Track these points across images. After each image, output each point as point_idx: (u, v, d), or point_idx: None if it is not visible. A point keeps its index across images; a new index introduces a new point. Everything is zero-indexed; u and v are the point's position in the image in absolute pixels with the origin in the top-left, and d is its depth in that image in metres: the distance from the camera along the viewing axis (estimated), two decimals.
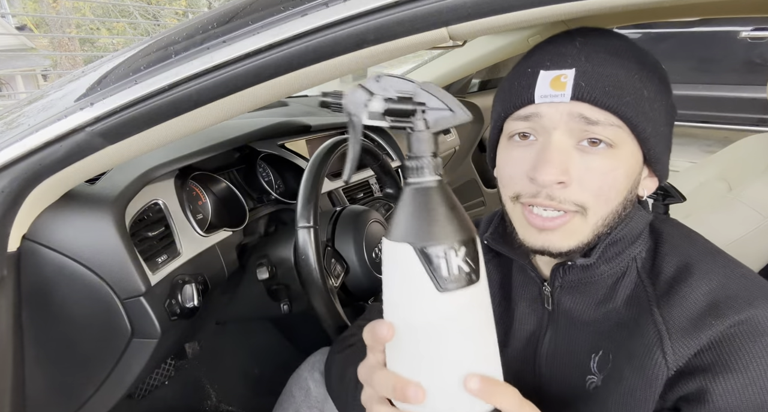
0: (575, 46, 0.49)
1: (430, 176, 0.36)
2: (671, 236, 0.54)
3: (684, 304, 0.47)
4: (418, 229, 0.35)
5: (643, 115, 0.47)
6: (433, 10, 0.44)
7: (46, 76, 7.98)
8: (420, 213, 0.35)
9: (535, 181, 0.48)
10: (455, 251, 0.34)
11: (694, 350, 0.45)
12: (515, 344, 0.60)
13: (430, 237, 0.34)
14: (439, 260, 0.34)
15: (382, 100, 0.35)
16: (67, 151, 0.57)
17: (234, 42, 0.50)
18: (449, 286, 0.34)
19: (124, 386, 0.76)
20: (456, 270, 0.34)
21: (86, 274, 0.67)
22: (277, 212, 1.13)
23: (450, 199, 0.36)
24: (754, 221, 1.10)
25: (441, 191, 0.36)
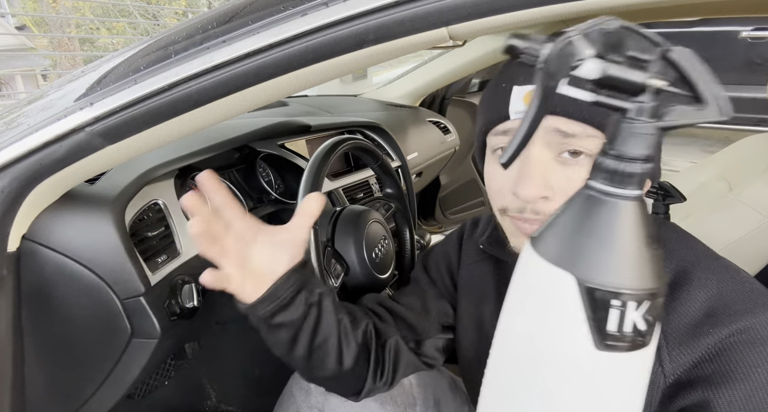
0: None
1: (635, 190, 0.25)
2: (669, 240, 0.53)
3: (682, 311, 0.47)
4: (593, 258, 0.25)
5: None
6: (433, 10, 0.44)
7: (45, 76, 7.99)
8: (604, 237, 0.25)
9: (518, 197, 0.49)
10: (638, 303, 0.25)
11: (692, 359, 0.45)
12: None
13: (609, 274, 0.25)
14: (611, 311, 0.25)
15: (602, 62, 0.24)
16: (67, 151, 0.57)
17: (234, 42, 0.50)
18: (612, 345, 0.25)
19: (123, 386, 0.76)
20: (629, 328, 0.25)
21: (86, 274, 0.67)
22: (277, 211, 1.12)
23: (650, 230, 0.26)
24: (754, 221, 1.10)
25: (642, 215, 0.25)
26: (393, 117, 1.56)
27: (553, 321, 0.27)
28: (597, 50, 0.24)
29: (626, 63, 0.24)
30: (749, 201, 1.14)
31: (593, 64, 0.24)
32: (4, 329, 0.65)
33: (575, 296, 0.25)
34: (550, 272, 0.26)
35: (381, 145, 1.39)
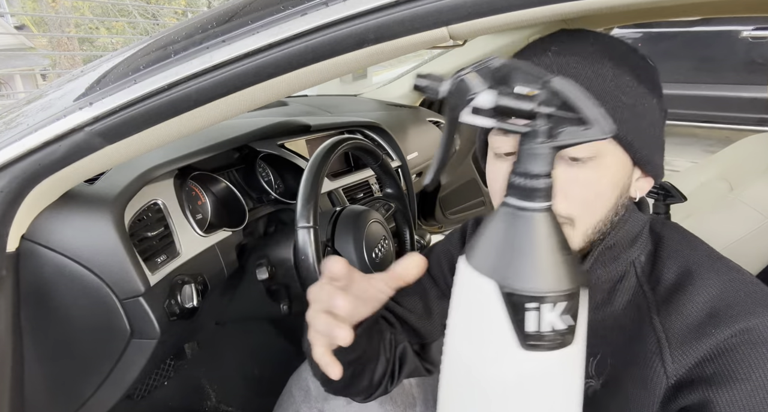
0: (548, 56, 0.48)
1: (542, 202, 0.28)
2: (672, 240, 0.53)
3: (684, 312, 0.47)
4: (511, 266, 0.27)
5: (623, 123, 0.46)
6: (433, 10, 0.44)
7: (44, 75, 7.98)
8: (520, 247, 0.28)
9: None
10: (553, 304, 0.27)
11: (694, 360, 0.45)
12: None
13: (523, 280, 0.27)
14: (529, 313, 0.27)
15: (494, 94, 0.28)
16: (66, 151, 0.57)
17: (233, 41, 0.50)
18: (535, 344, 0.27)
19: (123, 387, 0.76)
20: (548, 327, 0.27)
21: (85, 274, 0.67)
22: (276, 211, 1.12)
23: (559, 236, 0.29)
24: (755, 221, 1.10)
25: (550, 223, 0.28)
26: (393, 117, 1.56)
27: (482, 325, 0.29)
28: (488, 84, 0.28)
29: (517, 94, 0.28)
30: (750, 201, 1.14)
31: (486, 95, 0.28)
32: (3, 329, 0.65)
33: (497, 300, 0.28)
34: (476, 280, 0.28)
35: (381, 145, 1.39)
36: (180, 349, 1.12)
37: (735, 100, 3.65)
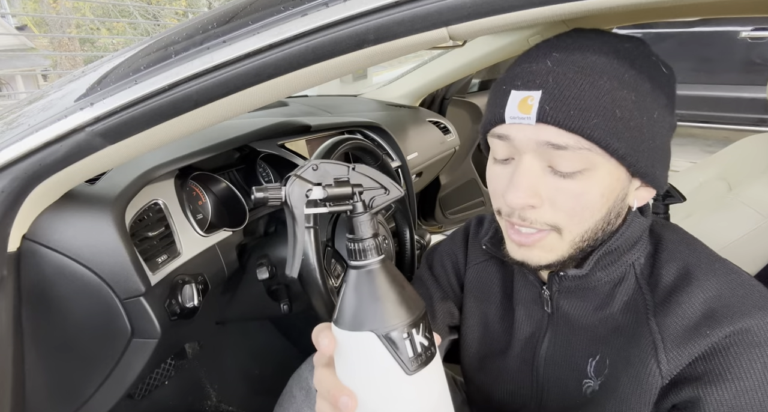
0: (546, 64, 0.47)
1: (375, 257, 0.35)
2: (671, 241, 0.53)
3: (680, 313, 0.47)
4: (379, 314, 0.34)
5: (616, 136, 0.45)
6: (433, 10, 0.44)
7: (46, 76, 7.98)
8: (374, 297, 0.34)
9: (506, 203, 0.49)
10: (416, 328, 0.34)
11: (688, 360, 0.45)
12: (516, 345, 0.61)
13: (391, 321, 0.34)
14: (405, 343, 0.34)
15: (322, 188, 0.36)
16: (67, 152, 0.57)
17: (234, 42, 0.50)
18: (415, 367, 0.34)
19: (124, 386, 0.76)
20: (420, 348, 0.34)
21: (86, 274, 0.67)
22: (277, 211, 1.13)
23: (397, 277, 0.36)
24: (754, 221, 1.10)
25: (388, 271, 0.36)
26: (393, 117, 1.56)
27: (373, 370, 0.34)
28: (316, 180, 0.36)
29: (336, 183, 0.36)
30: (749, 201, 1.14)
31: (317, 190, 0.36)
32: (4, 329, 0.65)
33: (380, 345, 0.34)
34: (357, 337, 0.34)
35: (381, 145, 1.39)
36: (180, 348, 1.12)
37: (734, 101, 3.65)
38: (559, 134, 0.46)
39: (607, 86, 0.46)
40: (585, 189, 0.47)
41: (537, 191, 0.48)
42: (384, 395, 0.34)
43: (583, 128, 0.45)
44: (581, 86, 0.46)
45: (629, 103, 0.46)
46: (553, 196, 0.48)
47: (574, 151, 0.46)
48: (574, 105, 0.45)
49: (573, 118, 0.45)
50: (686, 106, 3.77)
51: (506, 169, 0.51)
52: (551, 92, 0.46)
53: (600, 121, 0.45)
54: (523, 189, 0.48)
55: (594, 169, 0.47)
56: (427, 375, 0.34)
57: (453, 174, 2.03)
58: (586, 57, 0.47)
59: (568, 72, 0.46)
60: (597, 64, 0.47)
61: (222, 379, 1.27)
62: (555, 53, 0.48)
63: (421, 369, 0.34)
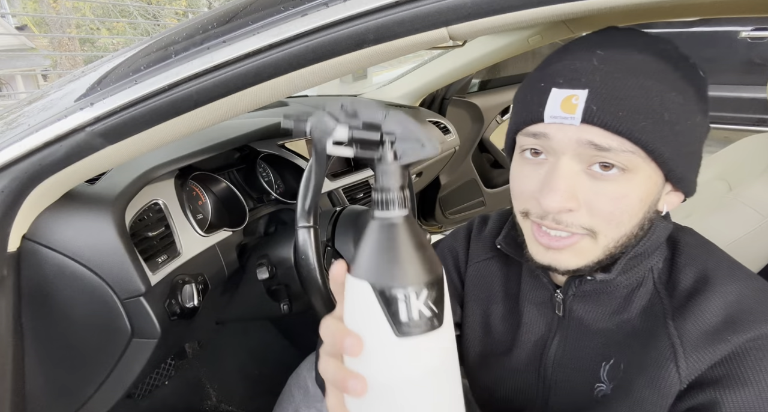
0: (592, 62, 0.45)
1: (398, 211, 0.34)
2: (688, 245, 0.52)
3: (700, 317, 0.46)
4: (379, 267, 0.33)
5: (662, 140, 0.44)
6: (433, 10, 0.44)
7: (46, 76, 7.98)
8: (384, 250, 0.33)
9: (541, 206, 0.47)
10: (417, 294, 0.32)
11: (708, 364, 0.44)
12: (521, 346, 0.60)
13: (391, 278, 0.32)
14: (399, 304, 0.32)
15: (348, 128, 0.34)
16: (67, 152, 0.57)
17: (234, 42, 0.50)
18: (409, 331, 0.32)
19: (124, 386, 0.76)
20: (416, 315, 0.32)
21: (86, 274, 0.67)
22: (277, 211, 1.13)
23: (417, 237, 0.34)
24: (754, 221, 1.10)
25: (408, 228, 0.34)
26: None
27: (365, 322, 0.33)
28: (343, 120, 0.34)
29: (365, 126, 0.34)
30: (749, 201, 1.14)
31: (342, 130, 0.34)
32: (4, 329, 0.65)
33: (373, 298, 0.32)
34: (356, 284, 0.33)
35: None
36: (180, 348, 1.12)
37: (734, 101, 3.65)
38: (604, 135, 0.44)
39: (657, 88, 0.44)
40: (625, 192, 0.46)
41: (575, 194, 0.46)
42: (373, 350, 0.33)
43: (632, 131, 0.43)
44: (630, 87, 0.44)
45: (677, 106, 0.45)
46: (591, 199, 0.46)
47: (616, 153, 0.44)
48: (623, 106, 0.43)
49: (621, 120, 0.43)
50: None
51: (539, 169, 0.48)
52: (598, 92, 0.43)
53: (648, 124, 0.43)
54: (561, 192, 0.45)
55: (634, 173, 0.45)
56: (422, 345, 0.33)
57: (453, 174, 2.03)
58: (631, 56, 0.45)
59: (616, 72, 0.44)
60: (644, 64, 0.45)
61: (222, 379, 1.27)
62: (599, 51, 0.46)
63: (414, 336, 0.32)
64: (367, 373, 0.34)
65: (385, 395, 0.34)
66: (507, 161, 0.58)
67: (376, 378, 0.34)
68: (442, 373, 0.34)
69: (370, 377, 0.34)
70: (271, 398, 0.85)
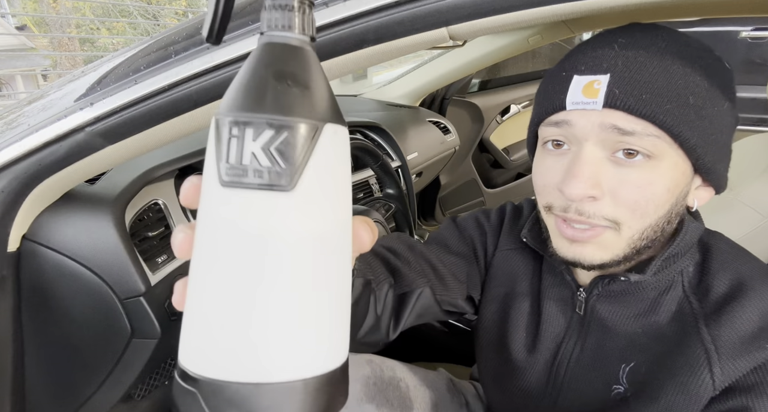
0: (613, 48, 0.44)
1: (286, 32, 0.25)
2: (721, 251, 0.51)
3: (735, 324, 0.45)
4: (230, 94, 0.25)
5: (688, 124, 0.43)
6: (433, 10, 0.44)
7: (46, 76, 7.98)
8: (245, 75, 0.25)
9: (563, 195, 0.46)
10: (256, 132, 0.23)
11: (743, 372, 0.44)
12: (536, 341, 0.59)
13: (232, 106, 0.24)
14: (229, 140, 0.24)
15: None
16: (67, 152, 0.57)
17: (234, 42, 0.50)
18: (235, 180, 0.24)
19: (123, 386, 0.76)
20: (248, 160, 0.23)
21: (86, 274, 0.67)
22: None
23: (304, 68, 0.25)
24: (753, 221, 1.10)
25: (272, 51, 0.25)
26: (393, 117, 1.56)
27: (205, 164, 0.26)
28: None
29: None
30: (749, 201, 1.14)
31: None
32: (4, 329, 0.65)
33: (212, 130, 0.25)
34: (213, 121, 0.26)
35: (381, 145, 1.39)
36: None
37: None
38: (628, 119, 0.43)
39: (680, 71, 0.43)
40: (650, 180, 0.44)
41: (598, 181, 0.45)
42: (202, 198, 0.26)
43: (656, 114, 0.42)
44: (653, 70, 0.43)
45: (702, 90, 0.44)
46: (615, 187, 0.45)
47: (641, 137, 0.43)
48: (646, 89, 0.42)
49: (645, 103, 0.42)
50: None
51: (561, 160, 0.47)
52: (621, 75, 0.43)
53: (673, 107, 0.42)
54: (585, 179, 0.44)
55: (660, 159, 0.44)
56: (250, 205, 0.24)
57: (453, 174, 2.03)
58: (654, 42, 0.45)
59: (638, 56, 0.43)
60: (666, 49, 0.44)
61: None
62: (621, 39, 0.45)
63: (241, 189, 0.24)
64: (197, 225, 0.26)
65: (197, 258, 0.26)
66: (508, 162, 0.58)
67: (197, 232, 0.26)
68: (270, 264, 0.24)
69: (197, 229, 0.26)
70: None
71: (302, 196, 0.24)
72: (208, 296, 0.25)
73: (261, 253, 0.24)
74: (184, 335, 0.26)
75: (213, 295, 0.25)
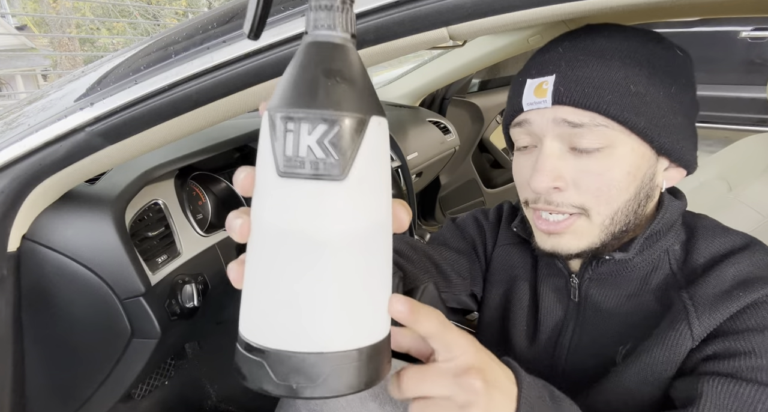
0: (558, 51, 0.50)
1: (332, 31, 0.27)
2: (706, 229, 0.54)
3: (712, 282, 0.48)
4: (282, 91, 0.27)
5: (633, 110, 0.47)
6: (433, 10, 0.44)
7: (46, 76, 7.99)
8: (295, 73, 0.27)
9: (531, 189, 0.50)
10: (311, 126, 0.25)
11: (720, 320, 0.46)
12: (537, 332, 0.61)
13: (286, 102, 0.26)
14: (285, 134, 0.26)
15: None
16: (67, 152, 0.57)
17: (234, 42, 0.50)
18: (291, 171, 0.26)
19: (123, 386, 0.76)
20: (304, 152, 0.25)
21: (86, 274, 0.67)
22: None
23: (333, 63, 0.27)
24: (753, 221, 1.10)
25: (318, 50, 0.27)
26: (393, 117, 1.56)
27: (259, 157, 0.28)
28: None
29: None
30: (749, 201, 1.14)
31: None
32: (4, 329, 0.65)
33: (266, 126, 0.27)
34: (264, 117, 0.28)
35: None
36: (180, 348, 1.12)
37: (734, 101, 3.65)
38: (576, 113, 0.47)
39: (619, 64, 0.47)
40: (608, 167, 0.48)
41: (560, 174, 0.49)
42: (258, 188, 0.28)
43: (599, 104, 0.46)
44: (593, 66, 0.47)
45: (643, 78, 0.48)
46: (576, 177, 0.49)
47: (591, 128, 0.47)
48: (587, 83, 0.47)
49: (588, 96, 0.47)
50: None
51: (529, 157, 0.52)
52: (564, 74, 0.48)
53: (615, 97, 0.46)
54: (547, 172, 0.48)
55: (614, 147, 0.48)
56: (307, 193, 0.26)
57: (453, 174, 2.03)
58: (595, 42, 0.49)
59: (579, 55, 0.48)
60: (607, 46, 0.49)
61: (222, 379, 1.27)
62: (566, 42, 0.51)
63: (298, 180, 0.26)
64: (252, 214, 0.28)
65: (258, 242, 0.28)
66: (508, 162, 0.60)
67: (254, 220, 0.28)
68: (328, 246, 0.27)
69: (253, 218, 0.28)
70: (272, 398, 0.85)
71: (353, 184, 0.27)
72: (272, 276, 0.28)
73: (320, 236, 0.27)
74: (246, 311, 0.30)
75: (277, 276, 0.27)
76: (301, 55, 0.27)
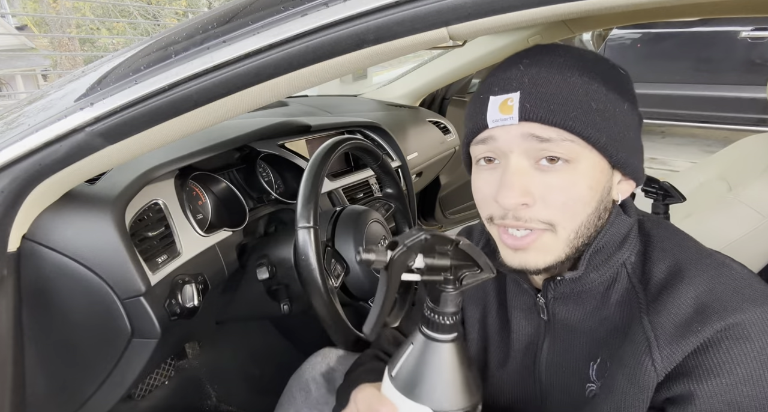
0: (519, 68, 0.50)
1: (451, 334, 0.37)
2: (660, 238, 0.54)
3: (672, 310, 0.47)
4: (438, 392, 0.36)
5: (594, 126, 0.48)
6: (433, 10, 0.44)
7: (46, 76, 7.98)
8: (439, 374, 0.37)
9: (499, 205, 0.50)
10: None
11: (681, 357, 0.46)
12: (515, 354, 0.61)
13: (450, 404, 0.36)
14: None
15: (423, 258, 0.37)
16: (67, 152, 0.57)
17: (234, 42, 0.50)
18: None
19: (124, 386, 0.76)
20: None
21: (86, 274, 0.67)
22: (277, 212, 1.13)
23: (467, 359, 0.38)
24: (753, 221, 1.10)
25: (459, 350, 0.37)
26: (393, 117, 1.56)
27: None
28: (419, 251, 0.38)
29: (438, 256, 0.38)
30: (749, 201, 1.14)
31: (420, 260, 0.37)
32: (4, 329, 0.65)
33: None
34: (412, 407, 0.37)
35: (381, 145, 1.39)
36: (181, 348, 1.13)
37: (734, 101, 3.65)
38: (543, 128, 0.48)
39: (580, 81, 0.49)
40: (573, 181, 0.49)
41: (528, 189, 0.49)
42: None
43: (565, 121, 0.47)
44: (556, 82, 0.48)
45: (601, 95, 0.49)
46: (544, 192, 0.49)
47: (557, 143, 0.48)
48: (553, 100, 0.48)
49: (554, 113, 0.47)
50: (686, 106, 3.77)
51: (494, 174, 0.52)
52: (529, 91, 0.48)
53: (578, 114, 0.47)
54: (516, 188, 0.49)
55: (578, 162, 0.49)
56: None
57: (453, 174, 2.03)
58: (554, 59, 0.50)
59: (541, 72, 0.49)
60: (565, 63, 0.50)
61: (222, 379, 1.27)
62: (525, 60, 0.51)
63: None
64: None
65: None
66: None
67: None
68: None
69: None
70: (272, 398, 0.85)
71: None
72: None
73: None
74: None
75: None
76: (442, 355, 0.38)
